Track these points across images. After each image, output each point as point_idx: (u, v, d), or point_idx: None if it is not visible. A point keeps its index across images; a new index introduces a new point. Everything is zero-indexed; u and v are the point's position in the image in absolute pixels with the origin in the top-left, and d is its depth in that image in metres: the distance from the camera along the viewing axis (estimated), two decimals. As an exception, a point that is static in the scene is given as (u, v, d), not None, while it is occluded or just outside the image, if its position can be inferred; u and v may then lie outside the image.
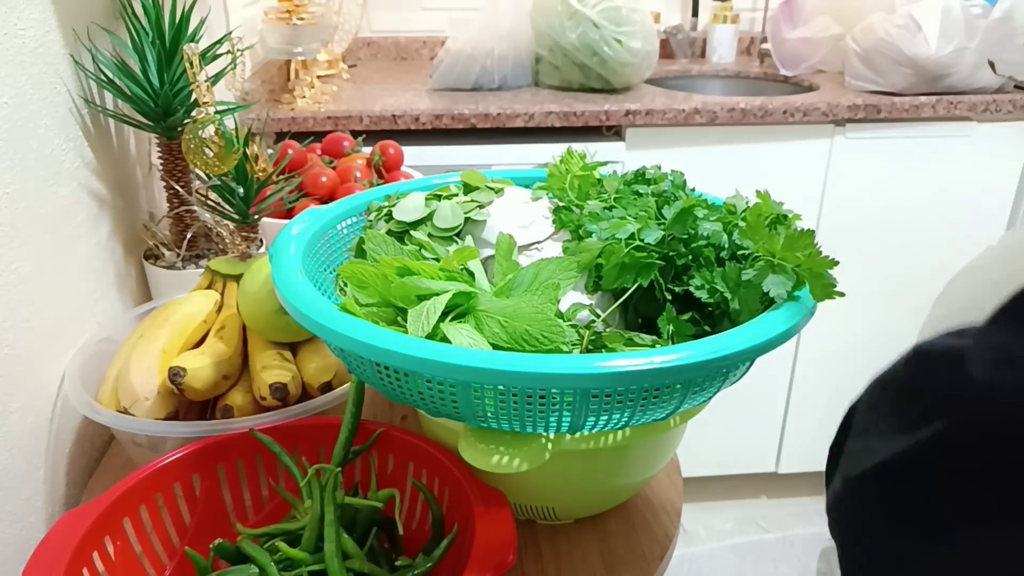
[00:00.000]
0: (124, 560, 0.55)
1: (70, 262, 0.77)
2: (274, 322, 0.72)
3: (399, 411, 0.79)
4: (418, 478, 0.62)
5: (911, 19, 1.66)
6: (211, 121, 0.84)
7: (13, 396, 0.66)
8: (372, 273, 0.58)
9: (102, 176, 0.84)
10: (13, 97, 0.68)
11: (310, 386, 0.73)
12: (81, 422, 0.77)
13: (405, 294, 0.57)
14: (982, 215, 1.81)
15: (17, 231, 0.67)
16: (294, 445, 0.63)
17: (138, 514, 0.57)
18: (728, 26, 2.15)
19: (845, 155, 1.73)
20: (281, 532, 0.58)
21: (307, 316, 0.54)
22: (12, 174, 0.67)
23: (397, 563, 0.58)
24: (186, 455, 0.60)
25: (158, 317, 0.77)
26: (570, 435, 0.54)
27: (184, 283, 0.87)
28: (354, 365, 0.57)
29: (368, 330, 0.52)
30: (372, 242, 0.63)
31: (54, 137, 0.75)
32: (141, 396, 0.69)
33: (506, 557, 0.51)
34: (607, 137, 1.71)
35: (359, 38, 2.17)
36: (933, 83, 1.68)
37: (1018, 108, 1.70)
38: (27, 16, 0.71)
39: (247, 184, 0.89)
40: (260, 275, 0.72)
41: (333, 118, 1.61)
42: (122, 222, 0.89)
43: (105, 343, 0.78)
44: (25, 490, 0.68)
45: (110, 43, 0.88)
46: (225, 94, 1.03)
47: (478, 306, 0.56)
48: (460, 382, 0.50)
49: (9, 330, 0.66)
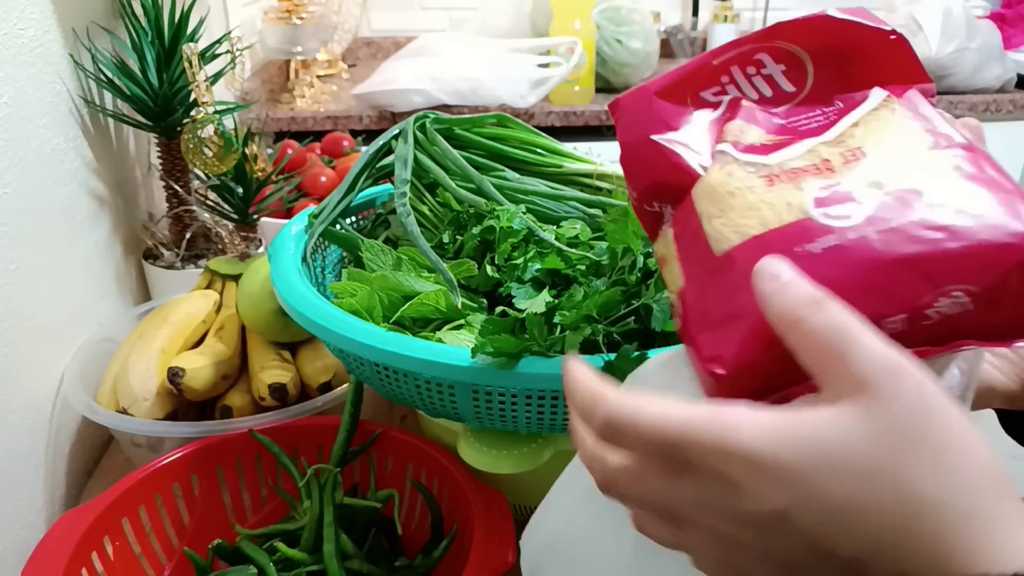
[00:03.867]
0: (123, 560, 0.55)
1: (69, 262, 0.77)
2: (273, 322, 0.72)
3: (398, 412, 0.79)
4: (417, 478, 0.62)
5: (912, 19, 1.66)
6: (210, 121, 0.84)
7: (12, 396, 0.66)
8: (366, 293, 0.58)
9: (101, 176, 0.84)
10: (13, 97, 0.68)
11: (309, 386, 0.73)
12: (80, 422, 0.77)
13: (388, 288, 0.57)
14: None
15: (17, 231, 0.67)
16: (293, 445, 0.63)
17: (137, 514, 0.57)
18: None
19: (845, 155, 1.73)
20: (280, 532, 0.58)
21: (306, 316, 0.54)
22: (12, 174, 0.67)
23: (396, 563, 0.58)
24: (185, 455, 0.60)
25: (157, 317, 0.77)
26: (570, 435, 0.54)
27: (183, 283, 0.87)
28: (353, 365, 0.57)
29: (367, 330, 0.52)
30: (370, 252, 0.63)
31: (54, 137, 0.75)
32: (140, 396, 0.69)
33: (506, 557, 0.51)
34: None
35: (359, 38, 2.17)
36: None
37: (1018, 108, 1.70)
38: (27, 16, 0.71)
39: (246, 184, 0.89)
40: (259, 275, 0.72)
41: (332, 118, 1.61)
42: (121, 222, 0.89)
43: (104, 343, 0.78)
44: (24, 490, 0.68)
45: (110, 43, 0.88)
46: (224, 94, 1.03)
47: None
48: (459, 383, 0.50)
49: (8, 330, 0.66)
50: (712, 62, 0.37)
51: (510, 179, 0.68)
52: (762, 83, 0.37)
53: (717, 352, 0.31)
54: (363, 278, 0.59)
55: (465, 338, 0.54)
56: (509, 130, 0.72)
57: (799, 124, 0.36)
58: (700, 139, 0.36)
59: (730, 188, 0.34)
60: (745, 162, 0.34)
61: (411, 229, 0.61)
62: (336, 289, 0.59)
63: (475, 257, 0.62)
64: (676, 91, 0.37)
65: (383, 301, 0.57)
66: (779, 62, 0.37)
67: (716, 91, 0.38)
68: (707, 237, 0.33)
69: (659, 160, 0.36)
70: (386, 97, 1.58)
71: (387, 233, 0.70)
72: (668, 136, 0.36)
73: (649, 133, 0.36)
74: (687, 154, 0.36)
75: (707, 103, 0.37)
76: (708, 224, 0.33)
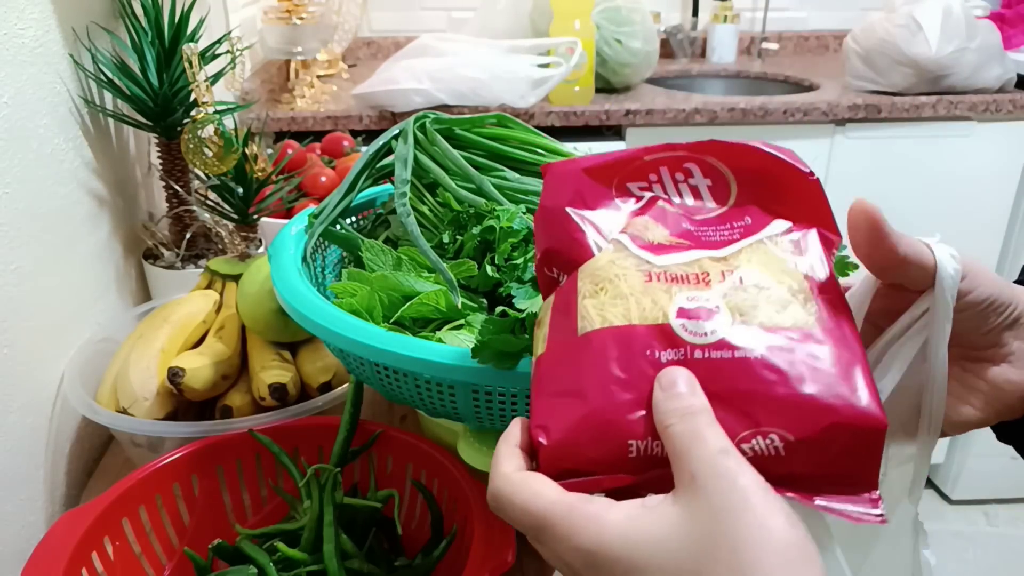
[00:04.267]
0: (123, 560, 0.55)
1: (69, 262, 0.77)
2: (273, 322, 0.72)
3: (398, 411, 0.79)
4: (417, 478, 0.62)
5: (912, 19, 1.66)
6: (210, 121, 0.84)
7: (13, 396, 0.66)
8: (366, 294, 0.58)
9: (102, 176, 0.84)
10: (13, 97, 0.68)
11: (309, 386, 0.73)
12: (80, 422, 0.77)
13: (388, 288, 0.57)
14: (982, 215, 1.81)
15: (17, 231, 0.67)
16: (293, 445, 0.63)
17: (137, 514, 0.57)
18: (728, 25, 2.15)
19: (845, 155, 1.73)
20: (280, 532, 0.58)
21: (306, 316, 0.54)
22: (12, 174, 0.67)
23: (396, 563, 0.58)
24: (185, 455, 0.60)
25: (157, 317, 0.77)
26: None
27: (183, 283, 0.87)
28: (353, 365, 0.57)
29: (367, 330, 0.52)
30: (370, 252, 0.63)
31: (54, 137, 0.75)
32: (140, 396, 0.69)
33: (505, 557, 0.51)
34: (607, 137, 1.71)
35: (359, 38, 2.17)
36: (934, 83, 1.68)
37: (1018, 108, 1.70)
38: (27, 16, 0.71)
39: (246, 184, 0.89)
40: (259, 275, 0.72)
41: (333, 118, 1.61)
42: (121, 222, 0.89)
43: (104, 343, 0.78)
44: (24, 490, 0.68)
45: (110, 43, 0.88)
46: (224, 94, 1.03)
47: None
48: (459, 382, 0.50)
49: (9, 330, 0.66)
50: (644, 158, 0.39)
51: (510, 179, 0.68)
52: (687, 192, 0.39)
53: (547, 423, 0.33)
54: (363, 278, 0.59)
55: (465, 338, 0.54)
56: (509, 130, 0.72)
57: (705, 235, 0.37)
58: (609, 224, 0.38)
59: (611, 274, 0.35)
60: (634, 255, 0.36)
61: (411, 229, 0.61)
62: (336, 289, 0.59)
63: (475, 257, 0.62)
64: (605, 174, 0.39)
65: (383, 301, 0.58)
66: (707, 176, 0.39)
67: (642, 186, 0.39)
68: (577, 314, 0.35)
69: (564, 230, 0.38)
70: (386, 97, 1.58)
71: (387, 233, 0.70)
72: (582, 212, 0.38)
73: (565, 204, 0.38)
74: (591, 233, 0.37)
75: (630, 194, 0.39)
76: (582, 302, 0.35)
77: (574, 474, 0.32)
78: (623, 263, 0.35)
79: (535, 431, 0.33)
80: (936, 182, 1.77)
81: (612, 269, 0.35)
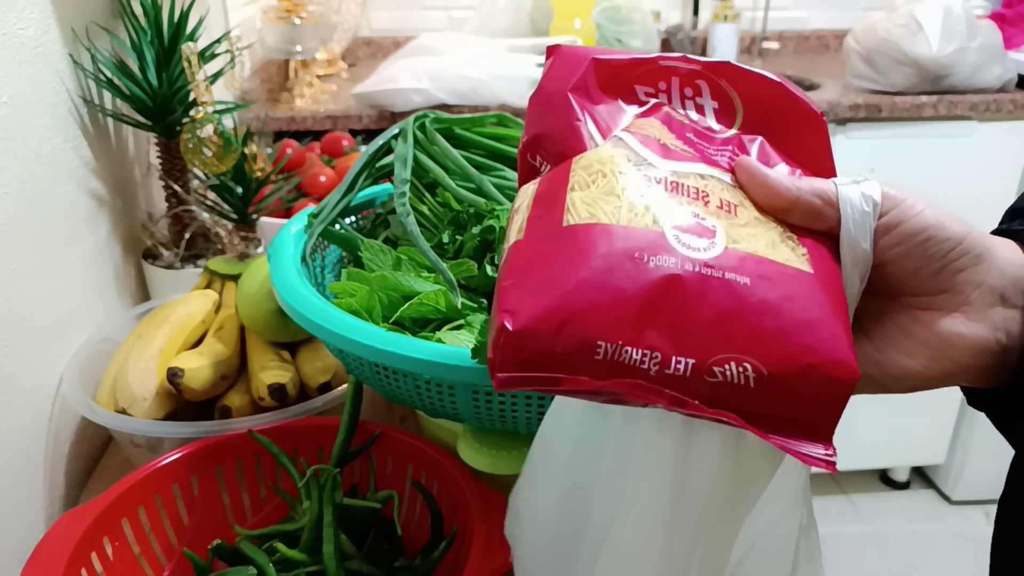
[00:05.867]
0: (122, 561, 0.55)
1: (69, 262, 0.77)
2: (272, 322, 0.71)
3: (398, 412, 0.79)
4: (417, 479, 0.62)
5: (912, 19, 1.65)
6: (210, 120, 0.84)
7: (12, 396, 0.66)
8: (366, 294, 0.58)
9: (101, 176, 0.84)
10: (12, 97, 0.68)
11: (308, 387, 0.73)
12: (79, 422, 0.77)
13: (387, 288, 0.57)
14: (983, 214, 1.80)
15: (16, 231, 0.67)
16: (292, 446, 0.63)
17: (136, 515, 0.57)
18: (729, 25, 2.15)
19: (846, 154, 1.73)
20: (279, 533, 0.58)
21: (305, 316, 0.54)
22: (11, 174, 0.67)
23: (396, 564, 0.58)
24: (184, 456, 0.60)
25: (156, 317, 0.77)
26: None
27: (182, 283, 0.87)
28: (352, 365, 0.57)
29: (367, 331, 0.52)
30: (369, 252, 0.63)
31: (53, 137, 0.75)
32: (139, 396, 0.69)
33: (505, 558, 0.50)
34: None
35: (358, 37, 2.17)
36: (934, 83, 1.68)
37: (1019, 108, 1.70)
38: (26, 16, 0.71)
39: (245, 183, 0.89)
40: (258, 275, 0.72)
41: (332, 117, 1.60)
42: (121, 222, 0.89)
43: (103, 343, 0.78)
44: (23, 490, 0.68)
45: (109, 43, 0.87)
46: (224, 93, 1.03)
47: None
48: (459, 383, 0.50)
49: (8, 330, 0.65)
50: (659, 62, 0.38)
51: (510, 179, 0.68)
52: (692, 109, 0.38)
53: (516, 308, 0.31)
54: (362, 278, 0.59)
55: (465, 338, 0.54)
56: (509, 129, 0.72)
57: (707, 150, 0.37)
58: (609, 120, 0.37)
59: (607, 169, 0.34)
60: (637, 154, 0.35)
61: (411, 229, 0.61)
62: (335, 289, 0.59)
63: (475, 257, 0.62)
64: (616, 71, 0.37)
65: (383, 301, 0.57)
66: (715, 99, 0.38)
67: (649, 91, 0.38)
68: (564, 205, 0.33)
69: (562, 116, 0.36)
70: (386, 97, 1.58)
71: (387, 233, 0.70)
72: (584, 102, 0.36)
73: (570, 89, 0.36)
74: (589, 125, 0.36)
75: (635, 97, 0.38)
76: (571, 194, 0.33)
77: (534, 367, 0.30)
78: (622, 161, 0.34)
79: (501, 315, 0.31)
80: (937, 182, 1.77)
81: (610, 165, 0.34)
